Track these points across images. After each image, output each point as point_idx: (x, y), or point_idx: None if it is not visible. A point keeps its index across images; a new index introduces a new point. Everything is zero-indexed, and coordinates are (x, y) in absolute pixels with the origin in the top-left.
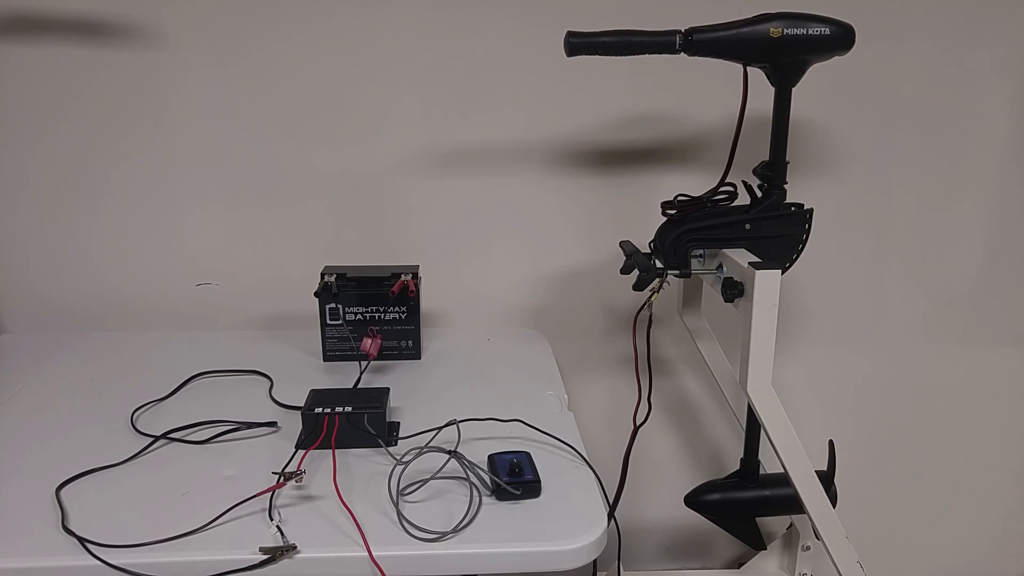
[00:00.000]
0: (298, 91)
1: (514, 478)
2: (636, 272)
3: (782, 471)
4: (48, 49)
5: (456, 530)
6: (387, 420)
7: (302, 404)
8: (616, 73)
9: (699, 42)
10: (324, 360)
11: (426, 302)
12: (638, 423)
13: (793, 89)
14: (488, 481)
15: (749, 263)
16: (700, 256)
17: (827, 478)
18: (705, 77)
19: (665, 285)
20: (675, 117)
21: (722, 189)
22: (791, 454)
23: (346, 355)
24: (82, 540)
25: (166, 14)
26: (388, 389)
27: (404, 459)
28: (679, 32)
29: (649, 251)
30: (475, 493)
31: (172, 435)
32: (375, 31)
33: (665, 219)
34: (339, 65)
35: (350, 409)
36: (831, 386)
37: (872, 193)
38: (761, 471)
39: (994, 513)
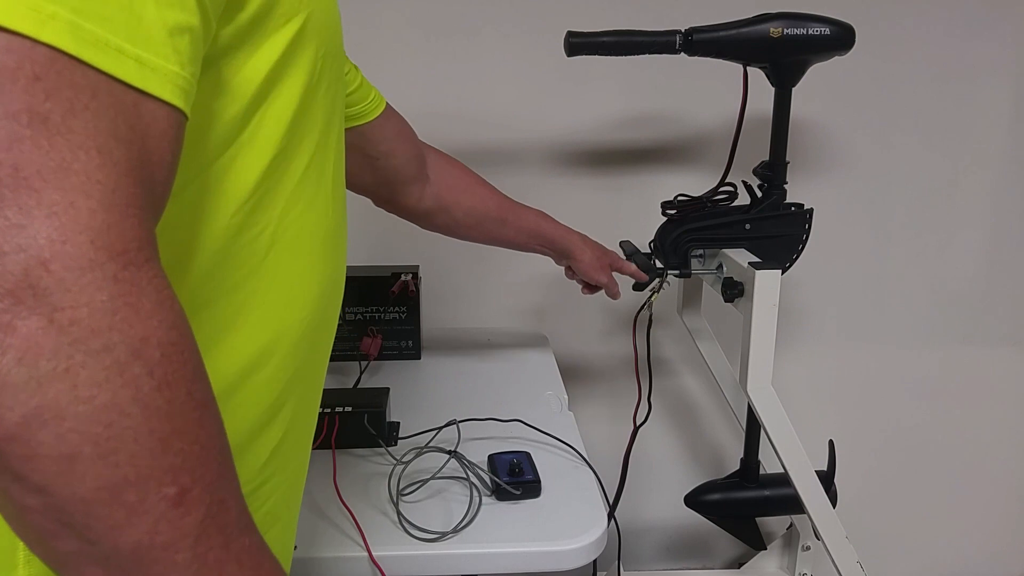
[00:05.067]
0: None
1: (514, 478)
2: None
3: (782, 471)
4: None
5: (456, 530)
6: (387, 420)
7: None
8: (616, 73)
9: (699, 42)
10: None
11: (426, 302)
12: (638, 423)
13: (793, 89)
14: (488, 481)
15: (749, 263)
16: (700, 256)
17: (827, 478)
18: (705, 77)
19: (665, 285)
20: (675, 117)
21: (722, 189)
22: (791, 454)
23: (346, 355)
24: None
25: None
26: (388, 389)
27: (404, 459)
28: (679, 32)
29: (649, 251)
30: (475, 493)
31: None
32: (374, 30)
33: (665, 219)
34: None
35: (350, 409)
36: (831, 386)
37: (872, 193)
38: (761, 471)
39: (994, 513)
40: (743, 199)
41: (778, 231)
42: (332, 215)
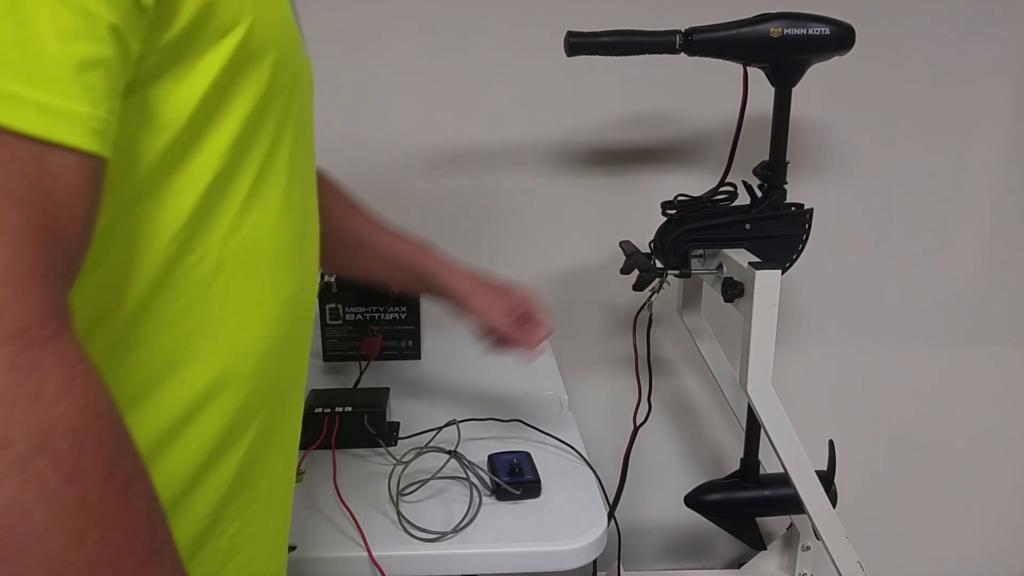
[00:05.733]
0: None
1: (514, 478)
2: (636, 272)
3: (782, 471)
4: None
5: (456, 530)
6: (387, 420)
7: None
8: (616, 73)
9: (699, 42)
10: (324, 360)
11: (426, 302)
12: (638, 423)
13: (793, 89)
14: (488, 481)
15: (749, 263)
16: (700, 256)
17: (827, 478)
18: (705, 77)
19: (665, 285)
20: (675, 117)
21: (722, 189)
22: (791, 454)
23: (346, 355)
24: None
25: None
26: (388, 389)
27: (404, 459)
28: (679, 32)
29: (649, 251)
30: (475, 493)
31: None
32: (375, 30)
33: (665, 219)
34: (339, 64)
35: (350, 409)
36: (831, 386)
37: (872, 193)
38: (761, 471)
39: (994, 513)
40: (743, 199)
41: (778, 231)
42: (291, 226)
